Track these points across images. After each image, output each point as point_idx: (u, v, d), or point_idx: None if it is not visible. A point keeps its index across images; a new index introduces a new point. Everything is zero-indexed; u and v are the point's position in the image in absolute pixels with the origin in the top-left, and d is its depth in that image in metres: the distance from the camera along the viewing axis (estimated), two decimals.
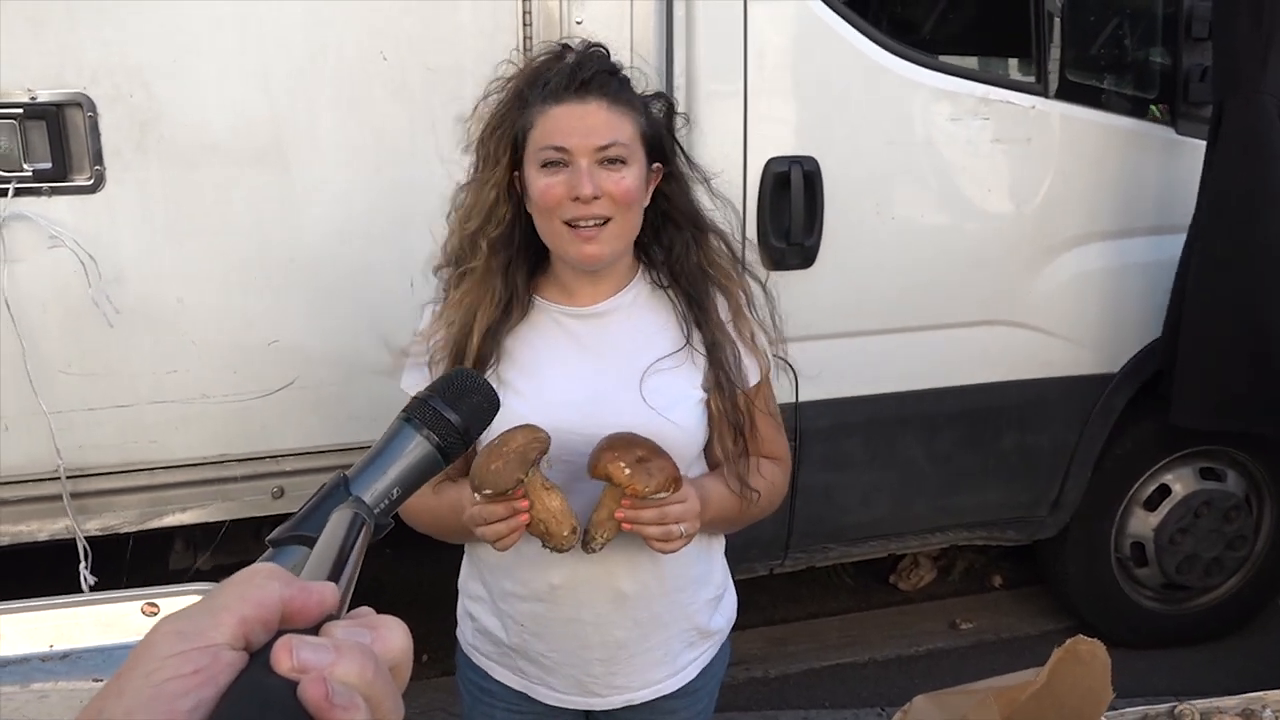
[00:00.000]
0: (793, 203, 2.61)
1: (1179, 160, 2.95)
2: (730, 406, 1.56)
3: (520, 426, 1.42)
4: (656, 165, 1.53)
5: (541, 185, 1.45)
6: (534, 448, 1.38)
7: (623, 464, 1.39)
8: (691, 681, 1.71)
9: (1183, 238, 2.87)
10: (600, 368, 1.55)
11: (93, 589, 2.34)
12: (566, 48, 1.52)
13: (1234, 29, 2.70)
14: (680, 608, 1.65)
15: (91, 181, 2.20)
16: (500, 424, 1.45)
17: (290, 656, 0.44)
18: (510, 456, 1.36)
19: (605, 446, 1.43)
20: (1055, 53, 2.87)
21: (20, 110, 2.12)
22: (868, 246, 2.74)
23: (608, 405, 1.51)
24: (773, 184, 2.60)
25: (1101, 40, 3.08)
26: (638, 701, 1.67)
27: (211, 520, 2.50)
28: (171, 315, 2.31)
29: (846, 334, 2.82)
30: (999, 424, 3.03)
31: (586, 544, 1.45)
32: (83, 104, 2.16)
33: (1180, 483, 3.33)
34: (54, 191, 2.19)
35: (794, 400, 2.76)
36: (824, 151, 2.63)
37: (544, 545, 1.44)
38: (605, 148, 1.44)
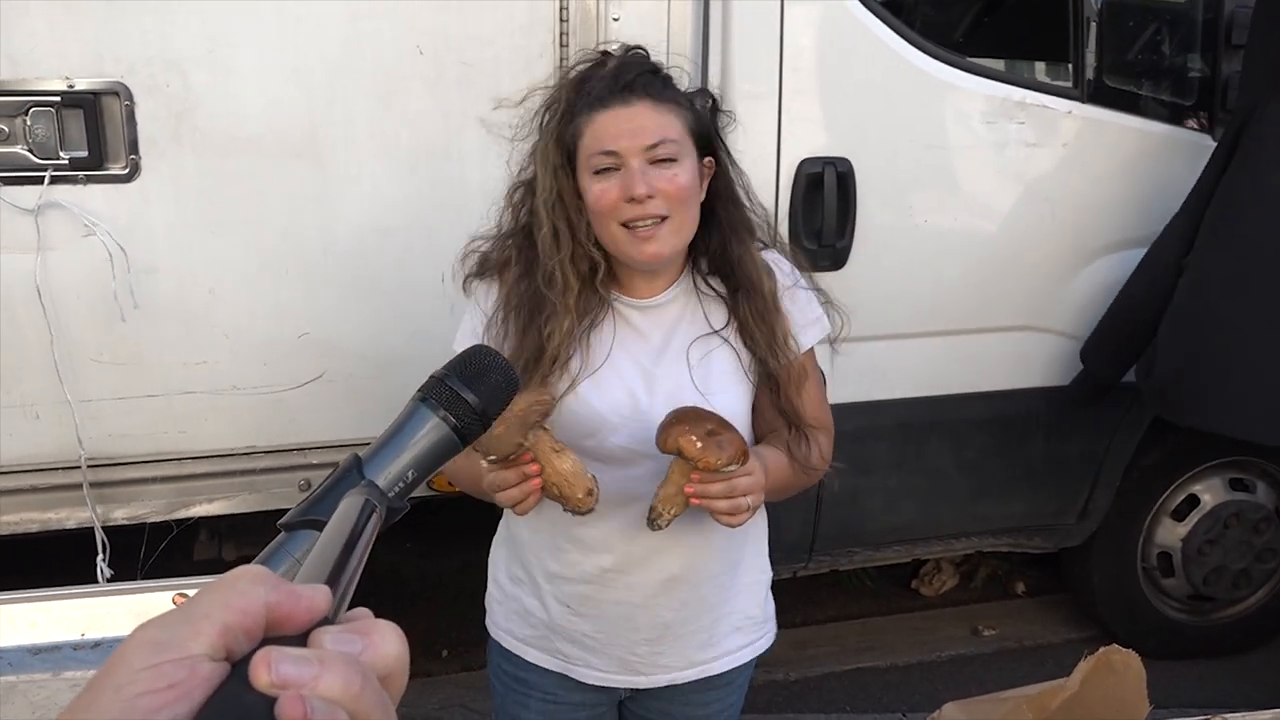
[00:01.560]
0: (825, 204, 2.60)
1: None
2: (774, 390, 1.59)
3: (526, 390, 1.42)
4: (708, 160, 1.55)
5: (596, 191, 1.47)
6: (535, 410, 1.37)
7: (694, 438, 1.39)
8: (732, 670, 1.72)
9: None
10: (658, 356, 1.58)
11: (109, 581, 2.35)
12: (606, 54, 1.54)
13: (1274, 37, 2.66)
14: (726, 590, 1.67)
15: (127, 171, 2.21)
16: (569, 411, 1.52)
17: (269, 670, 0.41)
18: (511, 421, 1.34)
19: (674, 420, 1.43)
20: (1092, 57, 2.84)
21: (58, 98, 2.13)
22: (899, 249, 2.72)
23: (660, 392, 1.55)
24: (806, 185, 2.59)
25: (1139, 45, 3.05)
26: (681, 681, 1.68)
27: (238, 511, 2.51)
28: (203, 306, 2.32)
29: (876, 337, 2.79)
30: (1028, 430, 3.01)
31: (653, 521, 1.46)
32: (120, 93, 2.16)
33: (1209, 493, 3.29)
34: (90, 180, 2.20)
35: None
36: (858, 153, 2.62)
37: (564, 509, 1.44)
38: (654, 146, 1.45)
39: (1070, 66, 2.85)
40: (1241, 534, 3.31)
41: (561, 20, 2.32)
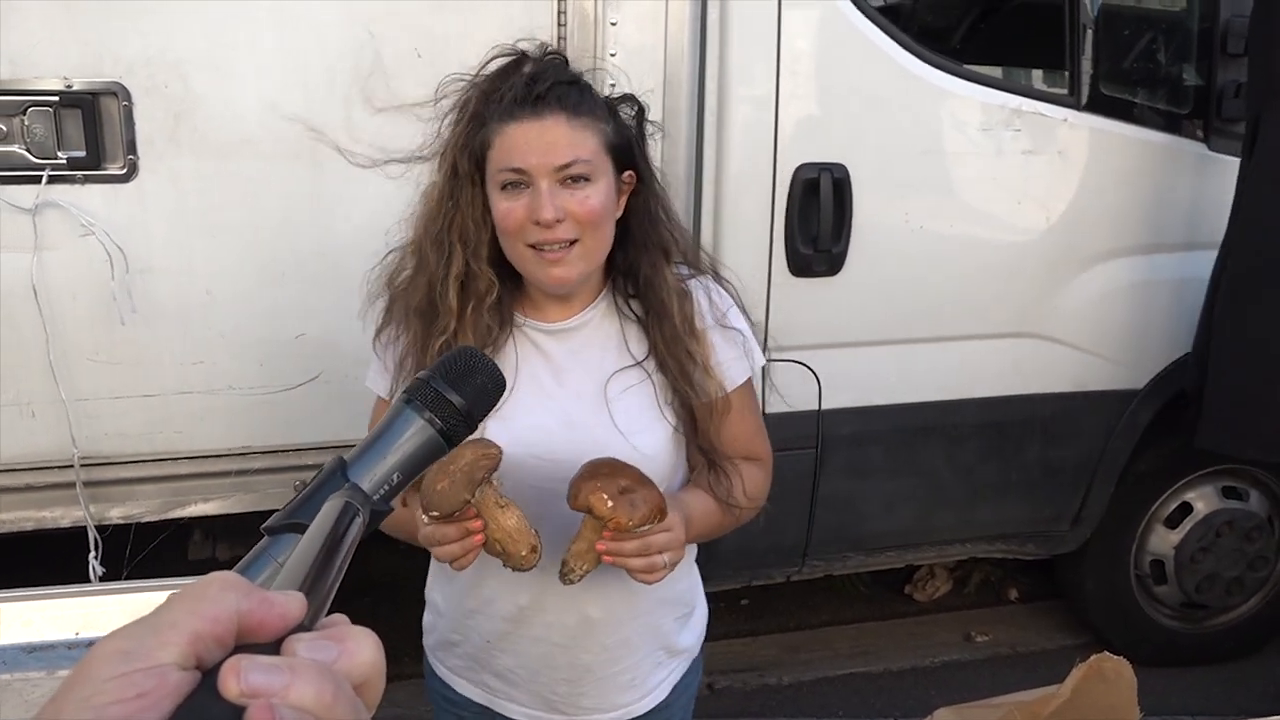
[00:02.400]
0: (821, 209, 2.60)
1: (1210, 177, 2.93)
2: (690, 420, 1.49)
3: (469, 442, 1.27)
4: (628, 174, 1.45)
5: (503, 209, 1.37)
6: (482, 465, 1.29)
7: (605, 495, 1.31)
8: (664, 701, 1.66)
9: (1213, 254, 2.84)
10: (571, 388, 1.48)
11: (101, 579, 2.35)
12: (524, 55, 1.43)
13: (1273, 42, 2.67)
14: (649, 630, 1.60)
15: (124, 171, 2.21)
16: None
17: (238, 679, 0.40)
18: (457, 476, 1.27)
19: (587, 475, 1.34)
20: (1089, 65, 2.85)
21: (56, 98, 2.13)
22: (895, 255, 2.73)
23: (579, 429, 1.46)
24: (802, 190, 2.60)
25: (1135, 54, 3.06)
26: None
27: (233, 511, 2.51)
28: (200, 307, 2.32)
29: (871, 342, 2.81)
30: (1023, 437, 3.02)
31: (564, 575, 1.39)
32: (118, 93, 2.16)
33: (1202, 501, 3.30)
34: (87, 180, 2.20)
35: (817, 407, 2.76)
36: (854, 159, 2.63)
37: (504, 565, 1.36)
38: (566, 166, 1.35)
39: (1067, 74, 2.86)
40: (1234, 542, 3.31)
41: (559, 24, 2.33)
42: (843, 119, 2.63)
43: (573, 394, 1.47)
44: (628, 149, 1.44)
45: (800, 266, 2.64)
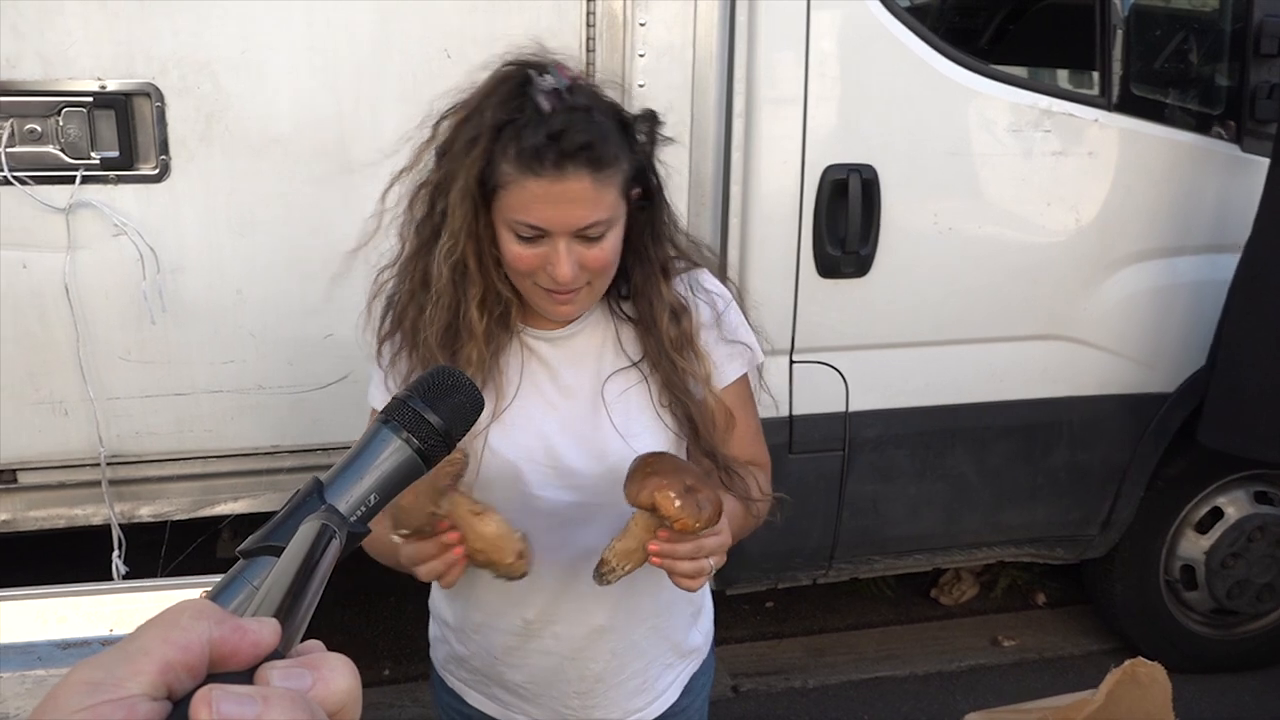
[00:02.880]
0: (850, 211, 2.60)
1: (1243, 178, 2.90)
2: (690, 423, 1.46)
3: None
4: (636, 191, 1.39)
5: (515, 252, 1.32)
6: (444, 472, 1.21)
7: (672, 494, 1.24)
8: (675, 703, 1.65)
9: None
10: (569, 392, 1.46)
11: (125, 578, 2.37)
12: (528, 75, 1.31)
13: None
14: (658, 633, 1.59)
15: (157, 171, 2.23)
16: (477, 463, 1.37)
17: (209, 710, 0.39)
18: (420, 488, 1.16)
19: (648, 471, 1.28)
20: (1119, 66, 2.83)
21: (90, 99, 2.15)
22: (924, 256, 2.71)
23: (578, 433, 1.44)
24: (830, 191, 2.59)
25: (1166, 54, 3.04)
26: None
27: (262, 511, 2.52)
28: (231, 306, 2.33)
29: (899, 344, 2.80)
30: (1051, 440, 3.00)
31: (603, 575, 1.31)
32: (151, 94, 2.18)
33: (1233, 506, 3.27)
34: (120, 180, 2.22)
35: (844, 409, 2.75)
36: (883, 160, 2.62)
37: (494, 576, 1.29)
38: (587, 228, 1.30)
39: (1097, 75, 2.84)
40: (1265, 548, 3.28)
41: (588, 25, 2.33)
42: (871, 120, 2.62)
43: (571, 398, 1.45)
44: (642, 173, 1.39)
45: (828, 268, 2.63)
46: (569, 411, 1.45)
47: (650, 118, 1.42)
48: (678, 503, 1.23)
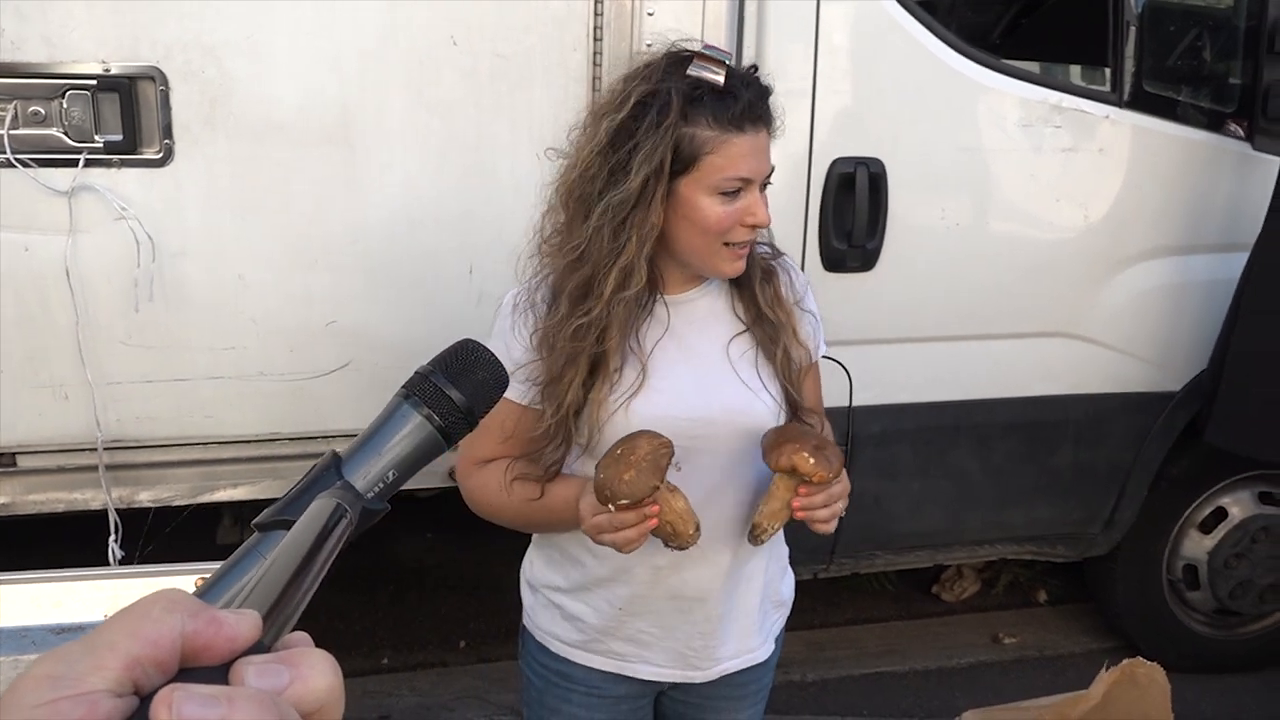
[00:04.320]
0: (857, 204, 2.58)
1: (1253, 177, 2.87)
2: (796, 381, 1.63)
3: (640, 433, 1.44)
4: None
5: (720, 212, 1.47)
6: (664, 453, 1.41)
7: (806, 454, 1.44)
8: (773, 652, 1.79)
9: None
10: (697, 353, 1.59)
11: (120, 563, 2.37)
12: (727, 66, 1.47)
13: None
14: (762, 574, 1.71)
15: (160, 155, 2.22)
16: (620, 423, 1.51)
17: (169, 711, 0.37)
18: (643, 465, 1.38)
19: (781, 439, 1.48)
20: (1131, 62, 2.81)
21: (94, 82, 2.14)
22: (930, 252, 2.70)
23: (710, 390, 1.57)
24: (837, 185, 2.57)
25: (1179, 51, 3.02)
26: (732, 670, 1.71)
27: (262, 497, 2.52)
28: (232, 292, 2.32)
29: (904, 339, 2.78)
30: (1055, 438, 2.98)
31: (756, 536, 1.51)
32: (155, 78, 2.17)
33: (1238, 506, 3.26)
34: (124, 164, 2.20)
35: (848, 404, 2.74)
36: (891, 154, 2.60)
37: (666, 545, 1.48)
38: (769, 175, 1.51)
39: (1108, 71, 2.82)
40: (1269, 548, 3.26)
41: (596, 14, 2.31)
42: (880, 114, 2.60)
43: (699, 358, 1.58)
44: None
45: (834, 262, 2.61)
46: (699, 369, 1.58)
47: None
48: (812, 460, 1.44)
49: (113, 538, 2.39)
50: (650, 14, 2.32)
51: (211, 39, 2.17)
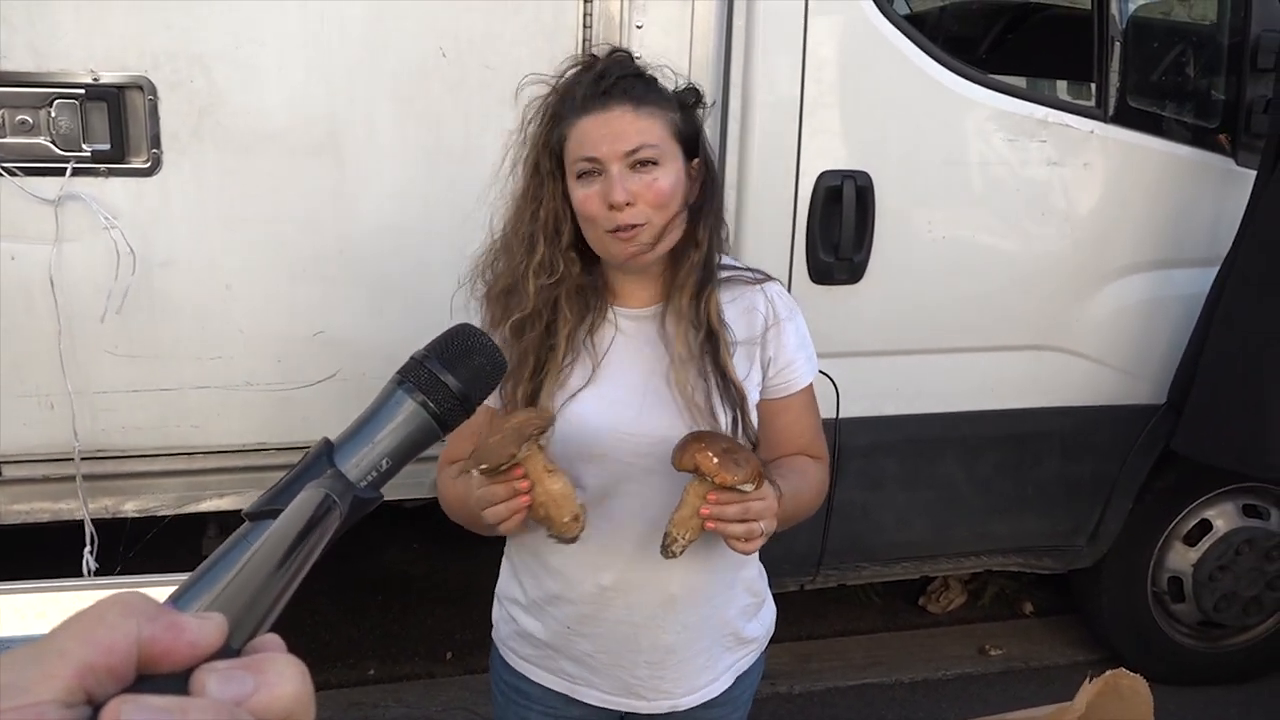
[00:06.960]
0: (844, 217, 2.59)
1: (1238, 192, 2.89)
2: (746, 409, 1.57)
3: (529, 408, 1.45)
4: (696, 160, 1.54)
5: (580, 196, 1.47)
6: (532, 424, 1.37)
7: (711, 454, 1.38)
8: (729, 689, 1.71)
9: None
10: (649, 369, 1.56)
11: (95, 574, 2.35)
12: (594, 58, 1.53)
13: None
14: (722, 612, 1.67)
15: (148, 165, 2.21)
16: (566, 426, 1.51)
17: None
18: (507, 431, 1.35)
19: (690, 440, 1.43)
20: (1116, 77, 2.83)
21: (82, 91, 2.14)
22: (917, 264, 2.71)
23: (655, 408, 1.54)
24: (824, 197, 2.58)
25: (1164, 67, 3.04)
26: (682, 708, 1.67)
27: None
28: (220, 302, 2.32)
29: (891, 352, 2.79)
30: (1041, 450, 3.00)
31: (667, 548, 1.43)
32: (144, 87, 2.17)
33: (1222, 519, 3.27)
34: (111, 173, 2.20)
35: (834, 416, 2.74)
36: (878, 167, 2.61)
37: (549, 534, 1.43)
38: (633, 151, 1.44)
39: (1094, 86, 2.84)
40: (1253, 561, 3.28)
41: (585, 26, 2.32)
42: (867, 127, 2.62)
43: (654, 373, 1.56)
44: (696, 136, 1.54)
45: (821, 274, 2.62)
46: (652, 385, 1.55)
47: (695, 91, 1.56)
48: (715, 460, 1.37)
49: (88, 549, 2.37)
50: (639, 27, 2.33)
51: (200, 49, 2.17)
